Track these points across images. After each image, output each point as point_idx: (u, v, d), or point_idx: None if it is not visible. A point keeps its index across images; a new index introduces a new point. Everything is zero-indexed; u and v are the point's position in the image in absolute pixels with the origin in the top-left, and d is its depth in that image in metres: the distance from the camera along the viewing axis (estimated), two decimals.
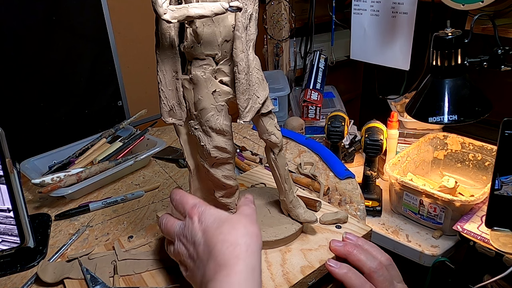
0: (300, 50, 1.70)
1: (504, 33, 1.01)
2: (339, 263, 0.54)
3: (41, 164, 0.92)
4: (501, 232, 0.88)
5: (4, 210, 0.66)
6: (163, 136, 1.09)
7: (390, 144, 1.25)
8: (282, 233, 0.57)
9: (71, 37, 1.16)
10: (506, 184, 0.85)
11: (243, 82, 0.49)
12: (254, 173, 0.79)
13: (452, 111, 0.90)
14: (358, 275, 0.53)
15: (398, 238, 1.10)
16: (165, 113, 0.52)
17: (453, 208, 1.02)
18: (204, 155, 0.53)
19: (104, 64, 1.25)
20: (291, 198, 0.58)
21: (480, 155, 1.18)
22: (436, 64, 0.92)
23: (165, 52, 0.50)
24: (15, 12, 1.04)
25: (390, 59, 1.29)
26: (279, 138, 0.55)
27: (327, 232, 0.60)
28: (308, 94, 1.43)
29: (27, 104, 1.12)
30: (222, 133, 0.52)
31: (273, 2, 1.58)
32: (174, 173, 0.93)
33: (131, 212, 0.79)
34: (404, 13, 1.20)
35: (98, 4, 1.19)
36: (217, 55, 0.50)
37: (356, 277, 0.52)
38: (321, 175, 0.87)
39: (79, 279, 0.60)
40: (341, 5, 1.59)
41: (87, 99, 1.24)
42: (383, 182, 1.30)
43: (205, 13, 0.44)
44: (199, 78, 0.50)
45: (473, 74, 0.94)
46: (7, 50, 1.05)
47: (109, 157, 0.93)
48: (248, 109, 0.50)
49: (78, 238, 0.72)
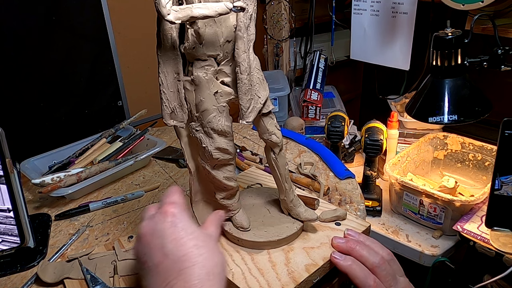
0: (300, 50, 1.70)
1: (504, 33, 1.01)
2: (343, 256, 0.54)
3: (41, 164, 0.92)
4: (501, 232, 0.88)
5: (4, 210, 0.66)
6: (163, 136, 1.09)
7: (390, 144, 1.25)
8: (284, 233, 0.58)
9: (71, 37, 1.16)
10: (506, 184, 0.85)
11: (245, 82, 0.49)
12: (250, 174, 0.80)
13: (452, 111, 0.90)
14: (362, 267, 0.53)
15: (398, 238, 1.10)
16: (167, 115, 0.52)
17: (453, 208, 1.02)
18: (205, 157, 0.53)
19: (104, 64, 1.25)
20: (292, 197, 0.59)
21: (480, 155, 1.18)
22: (436, 64, 0.92)
23: (166, 53, 0.49)
24: (15, 12, 1.04)
25: (390, 59, 1.29)
26: (280, 137, 0.55)
27: (327, 229, 0.61)
28: (308, 94, 1.43)
29: (27, 104, 1.12)
30: (223, 134, 0.52)
31: (273, 2, 1.58)
32: (174, 173, 0.93)
33: (131, 212, 0.79)
34: (404, 13, 1.20)
35: (98, 4, 1.18)
36: (219, 55, 0.49)
37: (360, 269, 0.53)
38: (321, 175, 0.87)
39: (79, 279, 0.60)
40: (341, 5, 1.59)
41: (87, 99, 1.24)
42: (383, 182, 1.30)
43: (209, 13, 0.44)
44: (201, 79, 0.50)
45: (473, 74, 0.94)
46: (7, 50, 1.05)
47: (109, 157, 0.93)
48: (251, 110, 0.50)
49: (78, 238, 0.72)
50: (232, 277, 0.52)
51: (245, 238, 0.57)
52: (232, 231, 0.58)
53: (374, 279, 0.52)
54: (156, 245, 0.48)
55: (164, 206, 0.50)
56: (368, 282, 0.52)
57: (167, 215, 0.49)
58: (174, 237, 0.47)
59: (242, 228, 0.58)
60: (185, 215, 0.50)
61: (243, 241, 0.57)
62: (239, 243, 0.58)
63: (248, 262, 0.55)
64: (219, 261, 0.48)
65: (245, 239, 0.57)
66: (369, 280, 0.52)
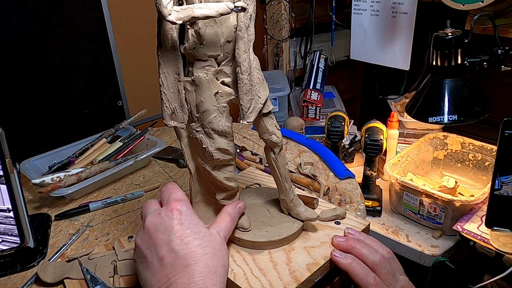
0: (300, 50, 1.70)
1: (504, 33, 1.01)
2: (343, 254, 0.54)
3: (41, 164, 0.92)
4: (501, 232, 0.88)
5: (4, 210, 0.66)
6: (163, 136, 1.09)
7: (390, 144, 1.25)
8: (285, 232, 0.58)
9: (71, 37, 1.15)
10: (506, 184, 0.85)
11: (246, 82, 0.49)
12: (248, 174, 0.79)
13: (452, 111, 0.90)
14: (363, 265, 0.53)
15: (398, 238, 1.10)
16: (167, 116, 0.52)
17: (453, 208, 1.02)
18: (206, 158, 0.53)
19: (104, 64, 1.25)
20: (292, 197, 0.59)
21: (480, 155, 1.18)
22: (436, 64, 0.92)
23: (167, 54, 0.49)
24: (15, 12, 1.04)
25: (390, 59, 1.29)
26: (280, 137, 0.55)
27: (327, 228, 0.61)
28: (308, 94, 1.43)
29: (27, 104, 1.12)
30: (224, 134, 0.52)
31: (273, 2, 1.58)
32: (174, 173, 0.93)
33: (131, 212, 0.79)
34: (404, 13, 1.20)
35: (98, 4, 1.18)
36: (219, 56, 0.49)
37: (360, 267, 0.53)
38: (321, 175, 0.87)
39: (79, 279, 0.60)
40: (341, 5, 1.59)
41: (87, 99, 1.24)
42: (383, 182, 1.30)
43: (210, 13, 0.44)
44: (201, 80, 0.50)
45: (473, 74, 0.94)
46: (7, 50, 1.05)
47: (109, 157, 0.93)
48: (251, 110, 0.50)
49: (78, 238, 0.72)
50: (234, 277, 0.52)
51: (246, 238, 0.57)
52: (233, 232, 0.58)
53: (374, 277, 0.52)
54: (162, 240, 0.48)
55: (171, 203, 0.51)
56: (369, 280, 0.52)
57: (173, 212, 0.49)
58: (179, 234, 0.48)
59: (242, 229, 0.58)
60: (192, 213, 0.51)
61: (244, 241, 0.57)
62: (240, 243, 0.58)
63: (250, 263, 0.55)
64: (223, 262, 0.49)
65: (246, 239, 0.57)
66: (370, 278, 0.52)
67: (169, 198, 0.52)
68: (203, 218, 0.58)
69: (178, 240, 0.47)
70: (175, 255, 0.47)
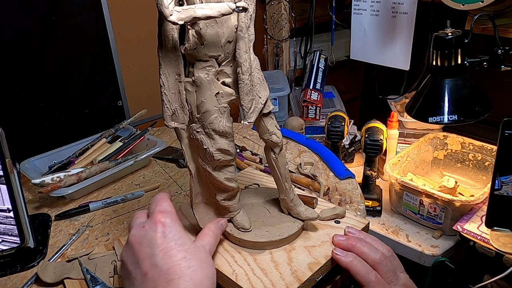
0: (300, 50, 1.70)
1: (504, 33, 1.01)
2: (344, 252, 0.54)
3: (41, 164, 0.92)
4: (501, 232, 0.88)
5: (4, 210, 0.66)
6: (163, 136, 1.09)
7: (390, 144, 1.25)
8: (286, 232, 0.58)
9: (71, 37, 1.16)
10: (506, 184, 0.85)
11: (247, 82, 0.49)
12: (246, 174, 0.79)
13: (452, 111, 0.90)
14: (364, 263, 0.53)
15: (398, 238, 1.10)
16: (168, 117, 0.52)
17: (453, 208, 1.02)
18: (206, 158, 0.53)
19: (104, 64, 1.25)
20: (292, 196, 0.59)
21: (480, 155, 1.18)
22: (436, 64, 0.92)
23: (168, 54, 0.49)
24: (15, 12, 1.04)
25: (390, 59, 1.29)
26: (280, 137, 0.55)
27: (327, 228, 0.61)
28: (308, 94, 1.43)
29: (27, 104, 1.12)
30: (225, 135, 0.52)
31: (273, 2, 1.58)
32: (174, 173, 0.93)
33: (131, 212, 0.79)
34: (404, 13, 1.20)
35: (98, 4, 1.18)
36: (220, 56, 0.49)
37: (361, 265, 0.53)
38: (321, 175, 0.87)
39: (79, 279, 0.61)
40: (341, 5, 1.59)
41: (87, 99, 1.24)
42: (383, 182, 1.30)
43: (212, 14, 0.44)
44: (202, 80, 0.49)
45: (473, 74, 0.94)
46: (7, 50, 1.05)
47: (109, 157, 0.93)
48: (252, 110, 0.50)
49: (78, 238, 0.72)
50: (236, 278, 0.52)
51: (247, 238, 0.57)
52: (233, 232, 0.58)
53: (375, 275, 0.53)
54: (145, 254, 0.47)
55: (155, 215, 0.49)
56: (370, 278, 0.52)
57: (157, 224, 0.48)
58: (163, 247, 0.47)
59: (243, 229, 0.58)
60: (176, 225, 0.49)
61: (244, 241, 0.57)
62: (240, 244, 0.58)
63: (251, 263, 0.55)
64: (209, 274, 0.48)
65: (247, 240, 0.57)
66: (371, 275, 0.52)
67: (154, 210, 0.51)
68: (203, 219, 0.58)
69: (162, 253, 0.46)
70: (159, 269, 0.45)
